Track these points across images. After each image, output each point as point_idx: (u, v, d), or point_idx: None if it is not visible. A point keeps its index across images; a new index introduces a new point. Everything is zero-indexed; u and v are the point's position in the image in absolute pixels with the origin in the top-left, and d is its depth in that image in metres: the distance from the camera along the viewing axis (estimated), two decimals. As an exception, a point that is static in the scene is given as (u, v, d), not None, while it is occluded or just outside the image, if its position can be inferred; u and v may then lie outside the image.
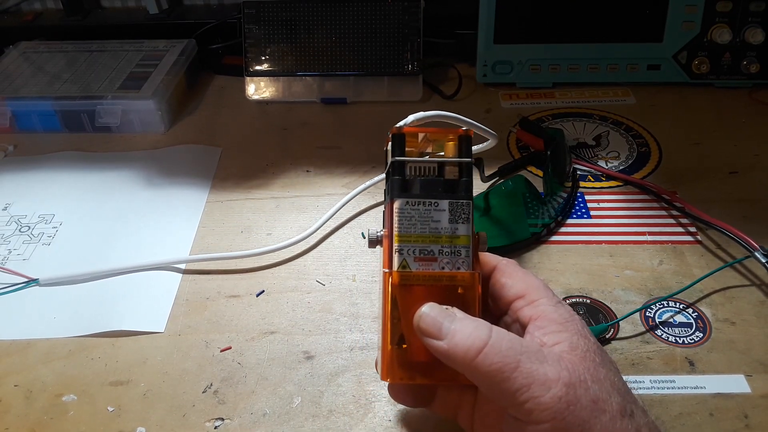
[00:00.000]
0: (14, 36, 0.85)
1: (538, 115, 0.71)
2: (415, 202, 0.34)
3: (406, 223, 0.34)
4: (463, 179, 0.35)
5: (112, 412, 0.43)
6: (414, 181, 0.35)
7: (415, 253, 0.34)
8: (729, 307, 0.48)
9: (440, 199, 0.34)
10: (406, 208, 0.34)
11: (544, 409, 0.29)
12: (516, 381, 0.30)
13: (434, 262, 0.34)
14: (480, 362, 0.31)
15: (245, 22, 0.74)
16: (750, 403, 0.41)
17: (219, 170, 0.66)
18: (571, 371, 0.30)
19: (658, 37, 0.71)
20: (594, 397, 0.30)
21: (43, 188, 0.64)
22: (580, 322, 0.34)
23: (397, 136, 0.36)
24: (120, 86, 0.73)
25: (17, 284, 0.53)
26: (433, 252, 0.34)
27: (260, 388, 0.44)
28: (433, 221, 0.34)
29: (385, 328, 0.35)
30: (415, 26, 0.72)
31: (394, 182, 0.35)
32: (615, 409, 0.30)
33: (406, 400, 0.39)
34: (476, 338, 0.31)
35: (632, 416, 0.31)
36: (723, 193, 0.59)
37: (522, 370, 0.30)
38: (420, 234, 0.34)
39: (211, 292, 0.52)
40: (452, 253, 0.34)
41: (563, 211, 0.57)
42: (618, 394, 0.31)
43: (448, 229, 0.34)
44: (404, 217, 0.34)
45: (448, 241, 0.34)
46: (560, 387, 0.30)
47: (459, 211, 0.34)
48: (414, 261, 0.34)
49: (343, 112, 0.74)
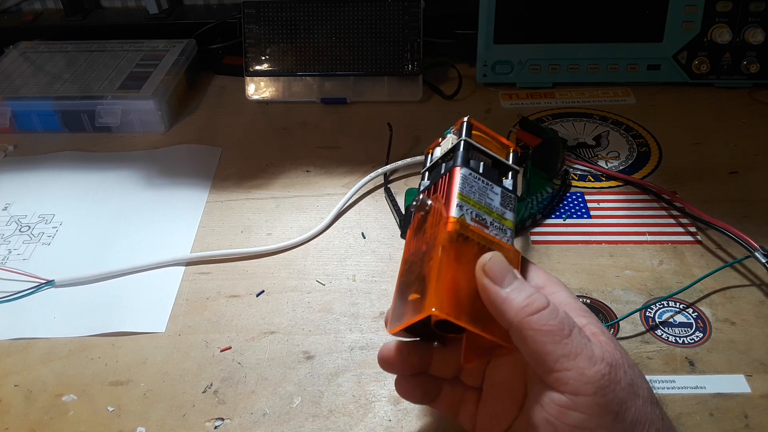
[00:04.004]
0: (14, 36, 0.85)
1: (538, 115, 0.71)
2: (476, 177, 0.37)
3: (467, 188, 0.36)
4: (509, 180, 0.39)
5: (112, 412, 0.43)
6: (478, 163, 0.38)
7: (472, 215, 0.35)
8: (729, 307, 0.48)
9: (496, 184, 0.37)
10: (469, 177, 0.36)
11: (587, 381, 0.30)
12: (565, 347, 0.30)
13: (487, 227, 0.35)
14: (536, 320, 0.31)
15: (245, 22, 0.74)
16: (750, 403, 0.41)
17: (219, 170, 0.66)
18: (611, 354, 0.31)
19: (658, 37, 0.71)
20: (631, 381, 0.31)
21: (43, 188, 0.64)
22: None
23: (468, 123, 0.40)
24: (120, 86, 0.73)
25: (33, 287, 0.53)
26: (486, 220, 0.36)
27: (260, 388, 0.44)
28: (488, 198, 0.37)
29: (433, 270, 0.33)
30: (415, 26, 0.72)
31: (460, 155, 0.38)
32: (646, 395, 0.31)
33: (413, 394, 0.38)
34: (536, 299, 0.32)
35: (658, 404, 0.32)
36: (723, 193, 0.59)
37: (573, 339, 0.31)
38: (477, 202, 0.36)
39: (211, 292, 0.52)
40: (500, 229, 0.36)
41: (545, 210, 0.57)
42: (646, 381, 0.32)
43: (499, 209, 0.37)
44: (466, 183, 0.36)
45: (498, 218, 0.36)
46: (605, 365, 0.30)
47: (507, 200, 0.37)
48: (470, 220, 0.35)
49: (343, 112, 0.74)
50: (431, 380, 0.38)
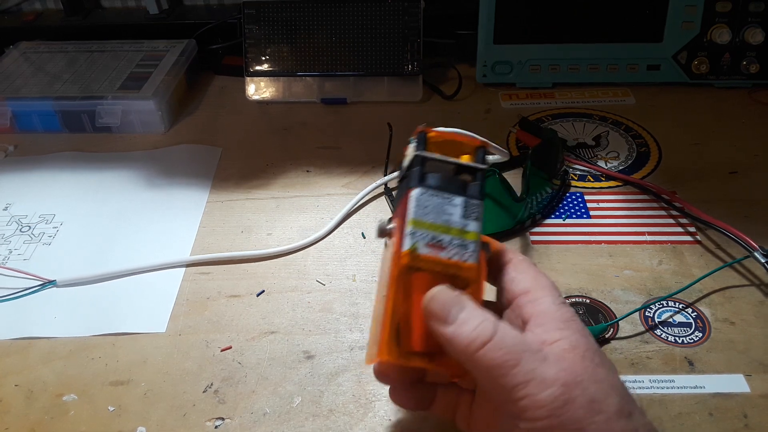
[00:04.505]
0: (14, 36, 0.85)
1: (538, 115, 0.71)
2: (431, 193, 0.36)
3: (420, 211, 0.35)
4: (476, 182, 0.37)
5: (112, 412, 0.43)
6: (432, 176, 0.36)
7: (426, 239, 0.34)
8: (728, 307, 0.48)
9: (455, 195, 0.36)
10: (423, 197, 0.35)
11: (540, 406, 0.30)
12: (515, 378, 0.30)
13: (443, 250, 0.35)
14: (482, 355, 0.31)
15: (245, 22, 0.74)
16: (749, 403, 0.41)
17: (219, 170, 0.66)
18: (569, 371, 0.31)
19: (658, 37, 0.71)
20: (591, 397, 0.30)
21: (44, 188, 0.64)
22: (580, 322, 0.34)
23: (422, 134, 0.38)
24: (120, 86, 0.73)
25: (35, 286, 0.53)
26: (443, 241, 0.35)
27: (260, 388, 0.44)
28: (446, 214, 0.35)
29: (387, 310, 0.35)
30: (415, 26, 0.72)
31: (414, 173, 0.36)
32: (612, 410, 0.30)
33: (408, 402, 0.39)
34: (482, 331, 0.31)
35: (630, 417, 0.31)
36: (722, 193, 0.59)
37: (522, 368, 0.30)
38: (433, 222, 0.35)
39: (212, 292, 0.52)
40: (461, 246, 0.35)
41: (544, 210, 0.57)
42: (616, 394, 0.31)
43: (459, 223, 0.35)
44: (420, 205, 0.35)
45: (459, 233, 0.35)
46: (557, 387, 0.30)
47: (471, 210, 0.36)
48: (424, 246, 0.34)
49: (343, 112, 0.74)
50: (426, 387, 0.38)
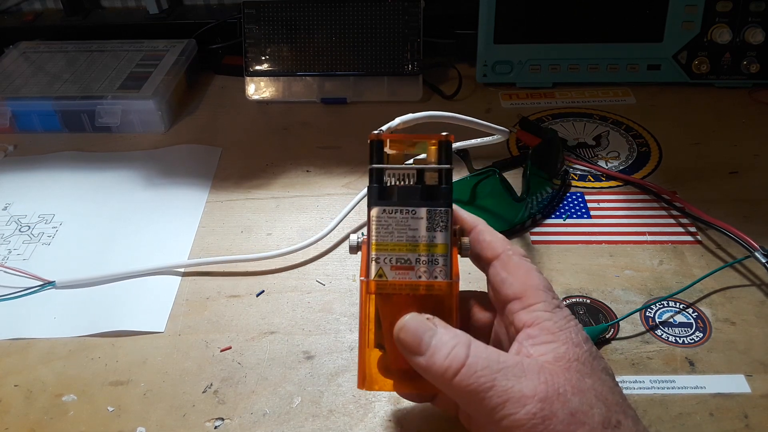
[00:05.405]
0: (14, 36, 0.85)
1: (538, 115, 0.71)
2: (392, 210, 0.34)
3: (383, 232, 0.34)
4: (442, 186, 0.34)
5: (112, 412, 0.43)
6: (392, 188, 0.34)
7: (392, 262, 0.33)
8: (729, 307, 0.48)
9: (418, 207, 0.34)
10: (383, 216, 0.34)
11: (519, 425, 0.30)
12: (491, 400, 0.30)
13: (411, 270, 0.33)
14: (457, 383, 0.31)
15: (245, 22, 0.74)
16: (750, 403, 0.41)
17: (219, 170, 0.66)
18: (549, 384, 0.30)
19: (658, 37, 0.71)
20: (573, 409, 0.30)
21: (43, 188, 0.64)
22: (575, 328, 0.33)
23: (374, 143, 0.35)
24: (120, 86, 0.73)
25: (34, 287, 0.53)
26: (410, 261, 0.34)
27: (260, 388, 0.44)
28: (411, 229, 0.34)
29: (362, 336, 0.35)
30: (415, 26, 0.72)
31: (371, 190, 0.34)
32: (597, 420, 0.30)
33: (412, 396, 0.39)
34: (454, 357, 0.31)
35: (617, 427, 0.30)
36: (723, 193, 0.59)
37: (497, 389, 0.30)
38: (397, 242, 0.34)
39: (211, 292, 0.52)
40: (429, 262, 0.33)
41: (544, 210, 0.57)
42: (603, 405, 0.31)
43: (426, 237, 0.34)
44: (381, 225, 0.34)
45: (426, 249, 0.34)
46: (535, 403, 0.30)
47: (437, 219, 0.34)
48: (391, 270, 0.33)
49: (343, 112, 0.74)
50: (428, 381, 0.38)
